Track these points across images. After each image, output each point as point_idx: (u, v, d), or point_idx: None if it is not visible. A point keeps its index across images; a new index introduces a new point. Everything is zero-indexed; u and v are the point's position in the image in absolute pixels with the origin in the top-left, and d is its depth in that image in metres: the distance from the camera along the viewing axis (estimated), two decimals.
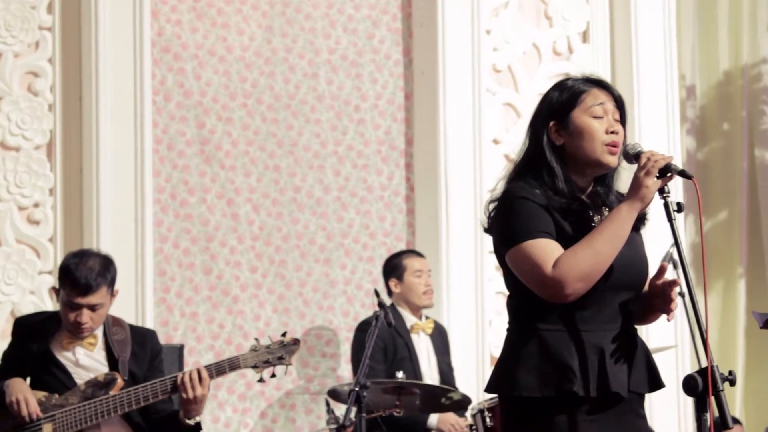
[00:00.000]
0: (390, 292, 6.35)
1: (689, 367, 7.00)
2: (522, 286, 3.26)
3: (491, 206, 3.36)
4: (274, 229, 6.68)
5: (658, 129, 7.13)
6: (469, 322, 6.70)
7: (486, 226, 3.40)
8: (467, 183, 6.79)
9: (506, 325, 3.41)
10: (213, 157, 6.59)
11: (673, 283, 3.29)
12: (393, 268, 6.40)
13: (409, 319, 6.35)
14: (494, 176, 6.79)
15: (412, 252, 6.55)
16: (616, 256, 3.21)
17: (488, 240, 6.65)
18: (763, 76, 8.02)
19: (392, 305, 6.25)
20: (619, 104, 3.36)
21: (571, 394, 3.20)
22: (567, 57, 7.26)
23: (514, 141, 6.98)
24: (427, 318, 6.43)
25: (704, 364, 3.12)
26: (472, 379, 6.59)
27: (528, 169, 3.35)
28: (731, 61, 8.06)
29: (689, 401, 6.94)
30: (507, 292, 7.05)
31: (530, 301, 3.26)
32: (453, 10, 6.84)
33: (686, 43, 7.91)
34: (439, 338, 6.41)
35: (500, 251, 3.32)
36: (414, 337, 6.31)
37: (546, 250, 3.19)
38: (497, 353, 6.71)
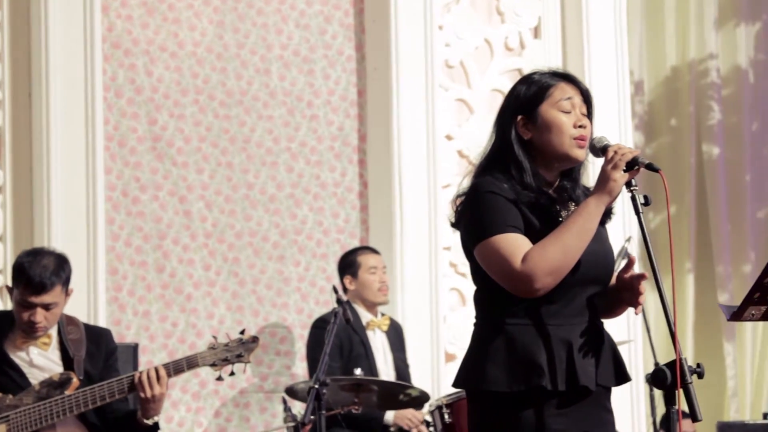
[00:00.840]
0: (345, 289, 6.32)
1: (642, 362, 7.04)
2: (490, 280, 3.25)
3: (459, 201, 3.34)
4: (227, 226, 6.62)
5: (609, 124, 7.15)
6: (424, 318, 6.69)
7: (453, 220, 3.38)
8: (420, 179, 6.79)
9: (467, 320, 3.40)
10: (165, 153, 6.52)
11: (642, 276, 3.31)
12: (347, 265, 6.38)
13: (365, 316, 6.33)
14: (447, 172, 6.87)
15: (366, 249, 6.52)
16: (584, 250, 3.21)
17: (442, 236, 6.73)
18: (710, 72, 8.08)
19: (347, 302, 6.22)
20: (587, 98, 3.36)
21: (540, 388, 3.20)
22: (519, 52, 7.27)
23: (467, 137, 6.99)
24: (382, 315, 6.41)
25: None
26: (427, 375, 6.58)
27: (495, 163, 3.33)
28: (678, 56, 8.12)
29: (642, 395, 6.98)
30: (461, 288, 7.01)
31: (498, 295, 3.24)
32: (405, 5, 6.84)
33: (634, 38, 7.95)
34: (395, 335, 6.40)
35: (468, 246, 3.30)
36: (370, 334, 6.29)
37: (515, 244, 3.19)
38: (452, 350, 6.76)
